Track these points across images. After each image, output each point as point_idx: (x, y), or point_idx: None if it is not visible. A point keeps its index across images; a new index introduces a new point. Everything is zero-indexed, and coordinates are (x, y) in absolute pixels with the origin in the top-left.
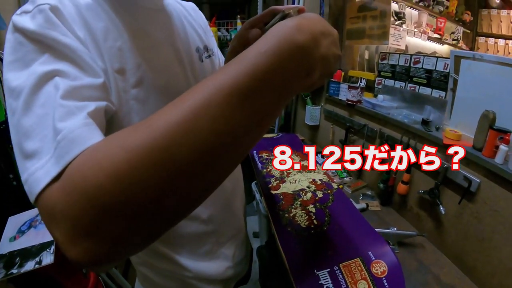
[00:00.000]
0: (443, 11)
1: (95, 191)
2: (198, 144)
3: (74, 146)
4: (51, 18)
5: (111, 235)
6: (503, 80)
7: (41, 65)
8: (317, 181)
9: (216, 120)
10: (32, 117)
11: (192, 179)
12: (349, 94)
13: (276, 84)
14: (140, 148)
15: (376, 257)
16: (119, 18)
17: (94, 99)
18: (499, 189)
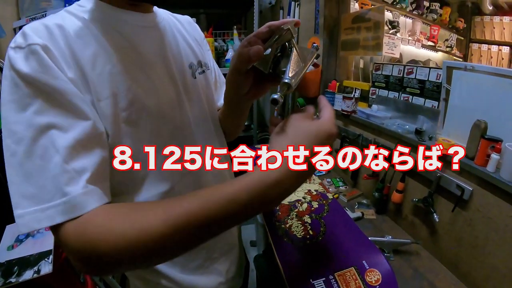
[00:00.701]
0: (436, 19)
1: (102, 248)
2: (182, 243)
3: (76, 210)
4: (43, 60)
5: (103, 270)
6: (494, 90)
7: (36, 114)
8: (312, 191)
9: (201, 232)
10: (32, 166)
11: (161, 261)
12: (343, 105)
13: (245, 216)
14: (141, 235)
15: (370, 265)
16: (109, 40)
17: (88, 148)
18: (492, 196)
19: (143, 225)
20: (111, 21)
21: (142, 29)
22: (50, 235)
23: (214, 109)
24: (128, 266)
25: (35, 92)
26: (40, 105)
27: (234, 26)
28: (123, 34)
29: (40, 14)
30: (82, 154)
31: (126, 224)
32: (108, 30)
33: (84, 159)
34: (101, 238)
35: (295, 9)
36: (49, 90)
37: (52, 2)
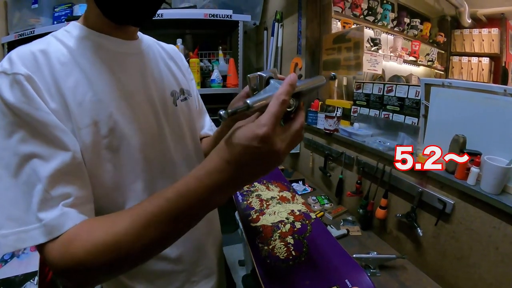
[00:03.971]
0: (417, 34)
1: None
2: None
3: (55, 231)
4: (26, 91)
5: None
6: (471, 104)
7: (20, 143)
8: (295, 212)
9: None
10: (17, 191)
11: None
12: (326, 123)
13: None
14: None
15: (353, 284)
16: (91, 68)
17: (67, 176)
18: (473, 209)
19: (115, 229)
20: (95, 48)
21: (125, 56)
22: (36, 255)
23: (196, 135)
24: (112, 271)
25: (19, 122)
26: (23, 134)
27: (219, 47)
28: (105, 61)
29: (29, 30)
30: (61, 182)
31: (102, 232)
32: (91, 58)
33: (63, 187)
34: (84, 250)
35: (278, 30)
36: (31, 121)
37: (40, 19)
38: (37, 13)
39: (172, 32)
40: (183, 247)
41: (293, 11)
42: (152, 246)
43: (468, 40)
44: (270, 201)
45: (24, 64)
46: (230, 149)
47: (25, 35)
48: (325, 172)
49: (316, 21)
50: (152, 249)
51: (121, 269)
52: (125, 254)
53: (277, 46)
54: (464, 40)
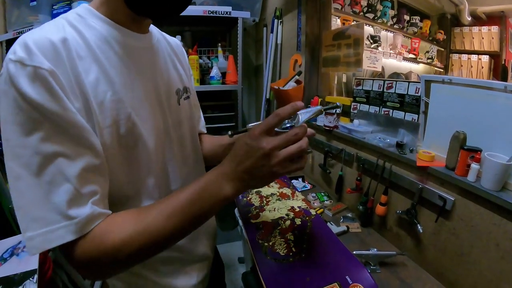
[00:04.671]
0: (417, 32)
1: (118, 248)
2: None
3: (85, 228)
4: (52, 88)
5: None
6: (472, 101)
7: (43, 142)
8: (295, 208)
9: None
10: (41, 191)
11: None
12: (326, 120)
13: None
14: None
15: (353, 280)
16: (110, 65)
17: (93, 175)
18: (474, 205)
19: (145, 221)
20: (112, 42)
21: (139, 51)
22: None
23: (195, 133)
24: (140, 258)
25: (41, 119)
26: (46, 132)
27: (218, 44)
28: (123, 58)
29: (27, 28)
30: (89, 180)
31: (133, 224)
32: (108, 53)
33: (91, 185)
34: (120, 240)
35: (278, 26)
36: (56, 119)
37: (39, 17)
38: (36, 10)
39: (171, 29)
40: None
41: (292, 7)
42: (176, 235)
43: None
44: (270, 198)
45: (46, 57)
46: (236, 150)
47: (23, 32)
48: (324, 169)
49: (316, 18)
50: (175, 238)
51: (148, 255)
52: (154, 241)
53: (277, 43)
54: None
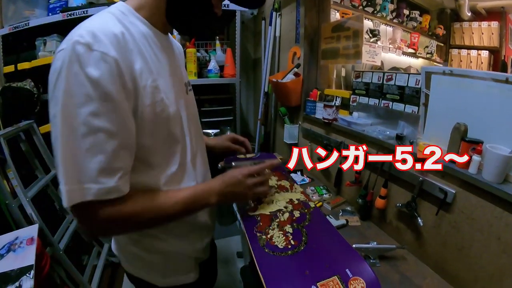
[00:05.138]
0: (416, 26)
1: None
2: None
3: (111, 194)
4: (113, 73)
5: (115, 233)
6: (472, 92)
7: (92, 116)
8: (294, 200)
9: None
10: (79, 155)
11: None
12: (325, 113)
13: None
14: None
15: (353, 274)
16: (149, 58)
17: (123, 152)
18: (475, 198)
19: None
20: (150, 40)
21: (166, 49)
22: (32, 250)
23: (198, 119)
24: (140, 226)
25: (96, 96)
26: (97, 108)
27: (216, 37)
28: (157, 53)
29: (23, 22)
30: (120, 157)
31: (142, 203)
32: (147, 49)
33: (121, 161)
34: (132, 209)
35: (276, 19)
36: (108, 100)
37: (35, 11)
38: (32, 5)
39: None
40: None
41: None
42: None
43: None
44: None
45: (112, 46)
46: (224, 177)
47: (19, 27)
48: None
49: (314, 10)
50: (173, 220)
51: (150, 226)
52: (157, 218)
53: (275, 35)
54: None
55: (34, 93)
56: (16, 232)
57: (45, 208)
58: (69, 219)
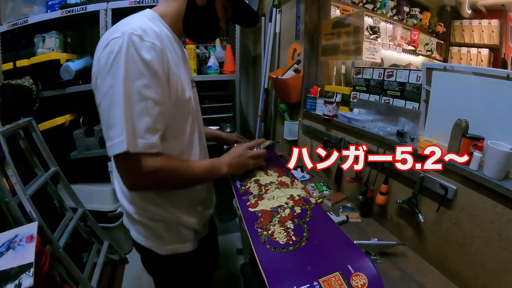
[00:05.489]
0: (416, 23)
1: (167, 176)
2: (190, 183)
3: (152, 150)
4: (160, 57)
5: (153, 185)
6: (474, 89)
7: (144, 87)
8: (295, 196)
9: (195, 180)
10: (132, 115)
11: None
12: (325, 109)
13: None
14: (179, 176)
15: (355, 270)
16: (171, 55)
17: (162, 118)
18: (476, 194)
19: (184, 167)
20: (171, 43)
21: (179, 49)
22: (31, 247)
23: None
24: (169, 182)
25: (147, 73)
26: (148, 81)
27: None
28: (175, 50)
29: (22, 19)
30: (160, 120)
31: (174, 162)
32: (170, 48)
33: (160, 124)
34: (167, 163)
35: (276, 15)
36: (156, 77)
37: (34, 8)
38: (31, 1)
39: None
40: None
41: None
42: (195, 181)
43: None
44: (269, 186)
45: (157, 39)
46: (230, 153)
47: (18, 24)
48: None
49: (315, 6)
50: (195, 182)
51: (179, 184)
52: (185, 177)
53: (275, 32)
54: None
55: (33, 90)
56: (15, 230)
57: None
58: (69, 216)
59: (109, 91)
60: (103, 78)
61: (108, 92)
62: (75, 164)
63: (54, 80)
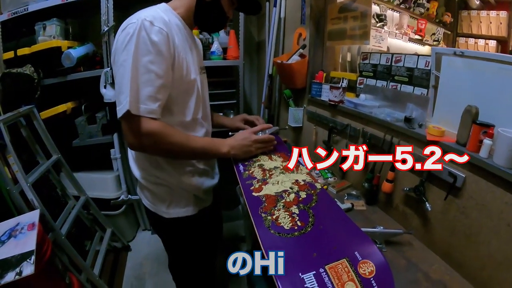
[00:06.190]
0: (423, 13)
1: (162, 140)
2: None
3: (154, 114)
4: (165, 39)
5: (152, 147)
6: (485, 74)
7: (150, 62)
8: (300, 181)
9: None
10: (138, 84)
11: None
12: (331, 95)
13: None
14: (174, 143)
15: (363, 257)
16: (179, 42)
17: (164, 89)
18: (485, 183)
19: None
20: (181, 31)
21: (189, 38)
22: (32, 235)
23: (207, 97)
24: (172, 148)
25: (154, 51)
26: (154, 58)
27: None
28: (185, 38)
29: (22, 8)
30: (162, 92)
31: (172, 131)
32: (179, 34)
33: (162, 94)
34: (165, 127)
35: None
36: (161, 54)
37: None
38: None
39: None
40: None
41: None
42: (194, 154)
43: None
44: (273, 171)
45: (164, 25)
46: (235, 136)
47: (18, 13)
48: (329, 145)
49: None
50: (193, 155)
51: (178, 152)
52: (183, 147)
53: (280, 17)
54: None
55: (34, 78)
56: (17, 218)
57: (47, 194)
58: (71, 204)
59: (123, 64)
60: (119, 55)
61: (122, 65)
62: (77, 151)
63: (56, 68)
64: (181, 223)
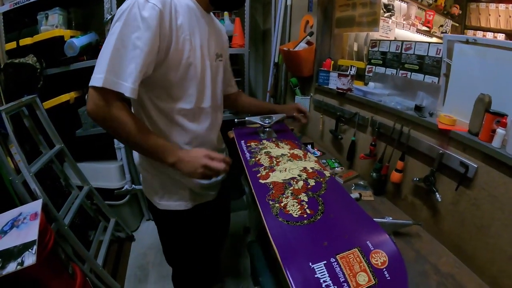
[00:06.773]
0: (431, 4)
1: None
2: (133, 147)
3: (128, 93)
4: (157, 16)
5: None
6: (498, 63)
7: (137, 38)
8: (308, 169)
9: (143, 148)
10: (124, 59)
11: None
12: (339, 82)
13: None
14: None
15: (375, 246)
16: (188, 23)
17: (146, 68)
18: (498, 173)
19: (137, 128)
20: (192, 13)
21: (202, 20)
22: (35, 225)
23: (221, 86)
24: (109, 128)
25: (143, 27)
26: (141, 34)
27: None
28: (194, 20)
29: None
30: (144, 68)
31: (129, 121)
32: (188, 14)
33: (141, 73)
34: (125, 111)
35: None
36: (149, 31)
37: None
38: None
39: None
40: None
41: None
42: (143, 151)
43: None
44: (281, 158)
45: (160, 3)
46: (192, 150)
47: (20, 3)
48: (336, 135)
49: None
50: (141, 150)
51: (126, 140)
52: (132, 138)
53: (286, 4)
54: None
55: (37, 68)
56: (19, 208)
57: (50, 184)
58: (75, 194)
59: (108, 37)
60: (110, 29)
61: (110, 34)
62: (80, 141)
63: (59, 57)
64: (173, 215)
